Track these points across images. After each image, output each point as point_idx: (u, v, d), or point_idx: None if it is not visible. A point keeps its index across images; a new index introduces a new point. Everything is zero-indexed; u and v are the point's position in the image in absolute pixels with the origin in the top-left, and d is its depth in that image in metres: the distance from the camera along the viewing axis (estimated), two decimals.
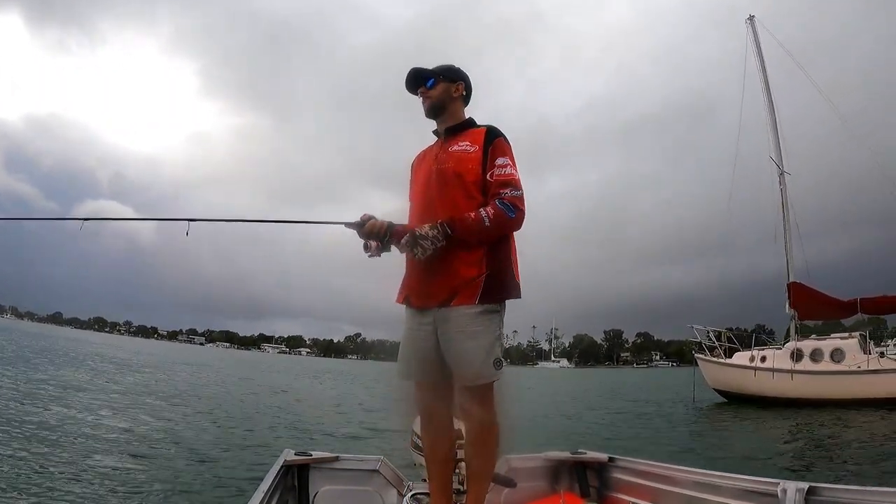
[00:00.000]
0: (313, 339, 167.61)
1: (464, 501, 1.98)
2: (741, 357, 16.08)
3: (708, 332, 17.09)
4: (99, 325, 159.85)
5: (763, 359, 15.40)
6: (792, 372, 14.54)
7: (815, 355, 14.82)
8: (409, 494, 2.27)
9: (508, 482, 2.29)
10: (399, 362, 2.00)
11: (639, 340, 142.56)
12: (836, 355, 14.61)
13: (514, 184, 1.88)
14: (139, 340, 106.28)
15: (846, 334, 15.35)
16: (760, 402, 14.68)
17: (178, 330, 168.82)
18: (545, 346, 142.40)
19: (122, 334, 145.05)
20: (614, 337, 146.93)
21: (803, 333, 16.22)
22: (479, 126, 2.01)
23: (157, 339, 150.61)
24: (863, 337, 14.81)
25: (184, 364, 27.10)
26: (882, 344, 15.53)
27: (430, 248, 1.79)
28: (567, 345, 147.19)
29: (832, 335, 15.87)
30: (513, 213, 1.84)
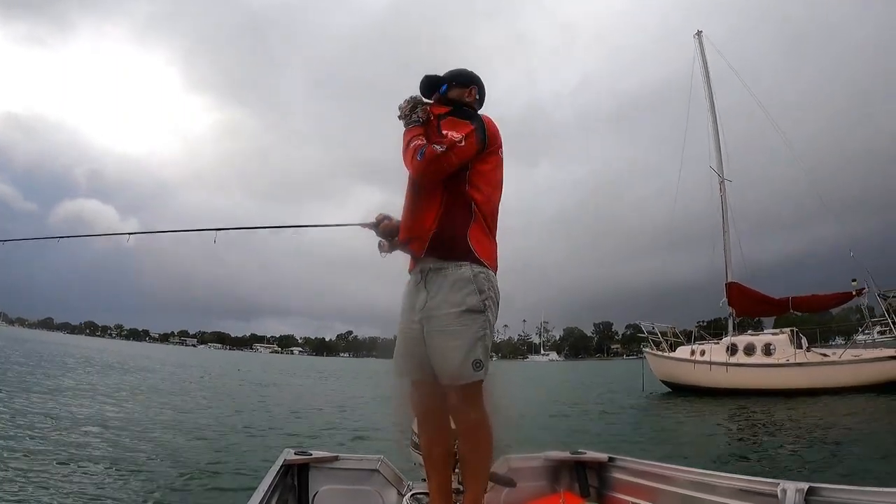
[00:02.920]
0: (305, 338, 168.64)
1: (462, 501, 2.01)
2: (683, 351, 17.60)
3: (653, 327, 18.63)
4: (91, 329, 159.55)
5: (702, 352, 16.89)
6: (727, 364, 16.02)
7: (749, 349, 16.29)
8: (409, 494, 2.31)
9: (508, 482, 2.32)
10: (395, 360, 2.04)
11: (628, 332, 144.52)
12: (768, 349, 16.10)
13: (445, 143, 1.90)
14: (131, 344, 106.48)
15: (777, 330, 16.84)
16: (700, 392, 16.10)
17: (169, 332, 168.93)
18: (536, 340, 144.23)
19: (114, 338, 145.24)
20: (604, 329, 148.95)
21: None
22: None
23: (148, 341, 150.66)
24: (793, 332, 16.32)
25: (177, 366, 27.57)
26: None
27: (410, 115, 2.02)
28: (558, 338, 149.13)
29: (766, 330, 17.39)
30: (419, 156, 1.88)
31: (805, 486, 1.68)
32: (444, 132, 1.94)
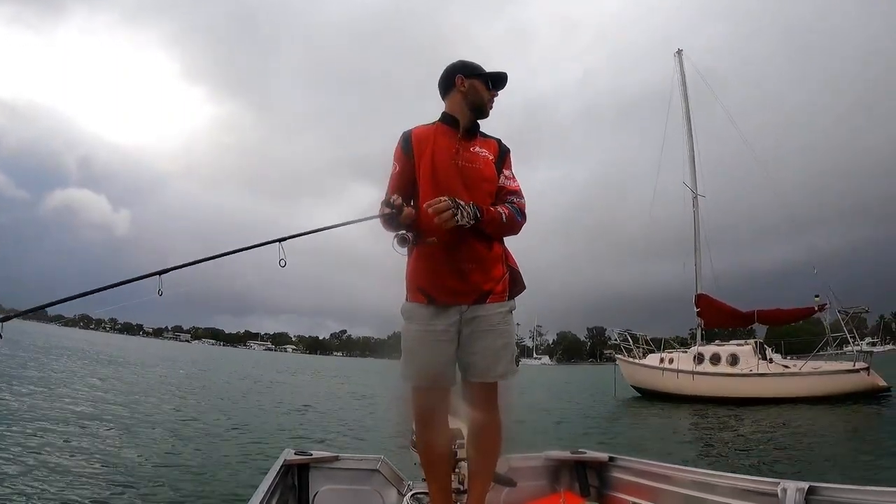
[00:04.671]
0: (299, 336, 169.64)
1: (465, 501, 2.01)
2: (653, 358, 18.39)
3: (626, 335, 19.44)
4: (84, 322, 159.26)
5: (671, 360, 17.66)
6: (693, 373, 16.83)
7: (715, 359, 17.07)
8: (409, 494, 2.31)
9: (509, 482, 2.32)
10: (410, 367, 1.93)
11: (619, 338, 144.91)
12: (733, 359, 16.86)
13: (520, 193, 2.01)
14: (125, 338, 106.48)
15: (742, 341, 17.62)
16: (668, 398, 16.88)
17: (163, 327, 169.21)
18: (529, 344, 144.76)
19: (108, 331, 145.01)
20: (597, 334, 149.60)
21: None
22: (489, 136, 2.06)
23: (142, 336, 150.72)
24: (757, 344, 17.11)
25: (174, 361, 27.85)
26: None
27: (465, 219, 1.78)
28: (551, 342, 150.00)
29: (731, 342, 18.16)
30: (521, 217, 1.97)
31: (805, 485, 1.69)
32: (508, 174, 2.03)
